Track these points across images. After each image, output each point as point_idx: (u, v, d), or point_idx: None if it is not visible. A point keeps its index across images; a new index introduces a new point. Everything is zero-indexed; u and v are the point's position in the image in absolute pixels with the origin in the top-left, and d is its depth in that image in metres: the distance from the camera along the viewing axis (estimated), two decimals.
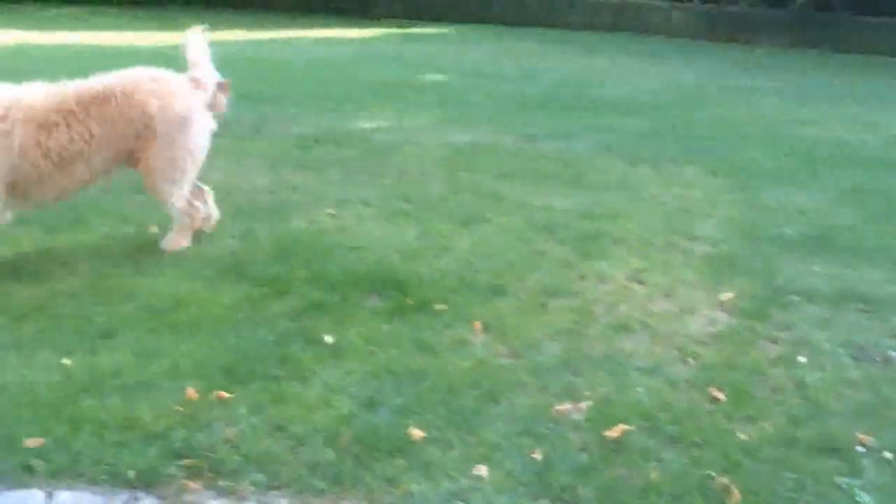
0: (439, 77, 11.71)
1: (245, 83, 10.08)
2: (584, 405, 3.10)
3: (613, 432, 2.93)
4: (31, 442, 2.70)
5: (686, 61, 14.76)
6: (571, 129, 8.26)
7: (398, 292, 4.07)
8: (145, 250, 4.52)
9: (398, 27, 18.55)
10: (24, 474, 2.57)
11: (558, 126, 8.41)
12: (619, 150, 7.46)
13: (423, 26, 19.38)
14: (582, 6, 20.64)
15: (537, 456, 2.80)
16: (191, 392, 3.04)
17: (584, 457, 2.83)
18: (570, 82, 11.58)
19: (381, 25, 18.89)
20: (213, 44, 4.81)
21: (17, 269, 4.19)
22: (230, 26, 17.34)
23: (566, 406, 3.10)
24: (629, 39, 17.89)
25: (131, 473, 2.58)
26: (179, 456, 2.68)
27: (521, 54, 14.73)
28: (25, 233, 4.67)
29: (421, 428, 2.92)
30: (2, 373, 3.18)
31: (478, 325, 3.80)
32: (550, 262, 4.59)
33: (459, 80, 11.52)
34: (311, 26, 17.94)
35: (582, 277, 4.40)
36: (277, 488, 2.57)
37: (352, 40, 15.91)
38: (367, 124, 8.09)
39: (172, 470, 2.61)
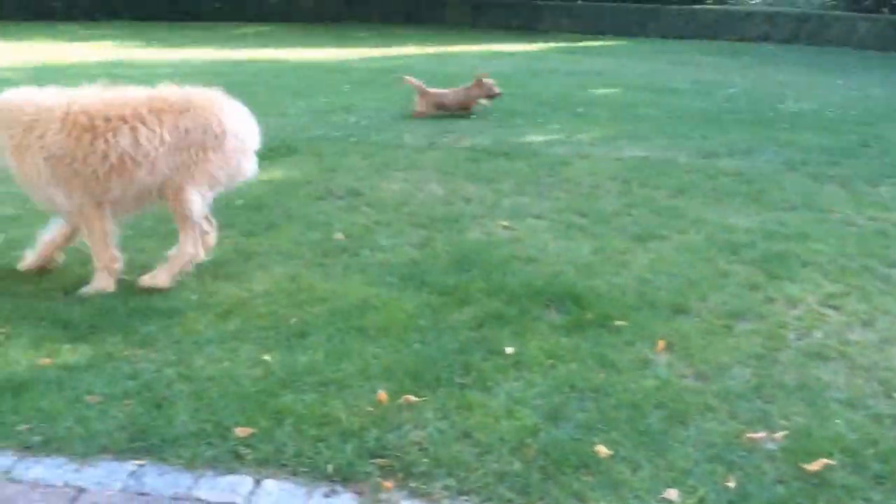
0: (609, 90, 11.60)
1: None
2: (779, 434, 2.97)
3: (813, 466, 2.78)
4: (240, 431, 2.89)
5: (873, 74, 13.87)
6: (750, 145, 7.94)
7: (576, 306, 4.05)
8: (331, 256, 4.74)
9: (565, 41, 18.50)
10: (234, 461, 2.76)
11: (736, 141, 8.11)
12: (804, 167, 7.10)
13: (590, 39, 19.30)
14: (759, 17, 19.81)
15: (731, 484, 2.70)
16: (382, 394, 3.16)
17: (781, 489, 2.70)
18: (746, 96, 11.16)
19: (547, 39, 18.95)
20: (386, 58, 5.01)
21: (218, 270, 4.49)
22: (403, 42, 17.97)
23: (759, 434, 2.98)
24: (809, 51, 17.01)
25: (330, 468, 2.71)
26: (373, 455, 2.78)
27: (694, 67, 14.35)
28: (226, 235, 5.02)
29: (607, 445, 2.89)
30: (210, 365, 3.42)
31: (661, 344, 3.72)
32: (735, 282, 4.43)
33: (629, 93, 11.36)
34: (479, 41, 18.24)
35: (769, 300, 4.21)
36: (466, 494, 2.62)
37: (519, 54, 16.05)
38: (537, 137, 8.12)
39: (367, 468, 2.72)
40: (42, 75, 12.19)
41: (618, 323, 3.90)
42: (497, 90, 9.04)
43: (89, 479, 2.67)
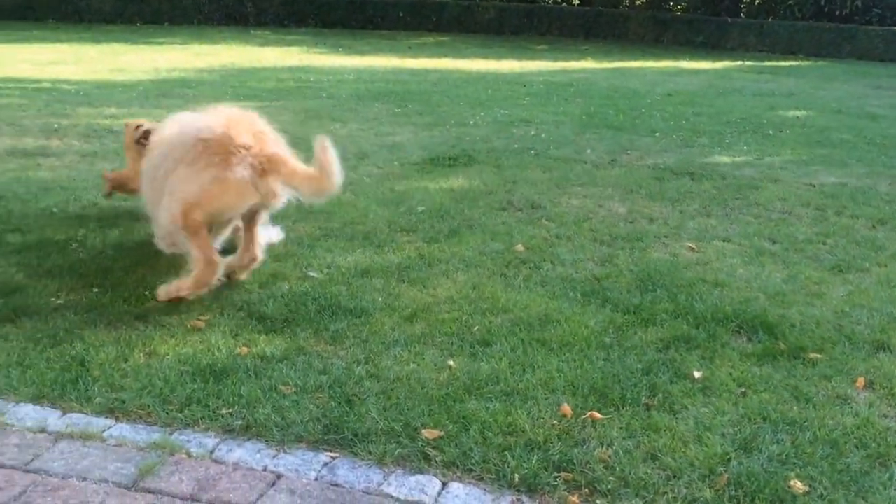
0: (800, 113, 11.01)
1: (599, 112, 10.34)
2: None
3: None
4: (428, 433, 2.96)
5: None
6: None
7: (768, 335, 3.87)
8: (513, 266, 4.77)
9: (753, 59, 17.75)
10: (422, 461, 2.82)
11: None
12: None
13: (779, 59, 18.41)
14: None
15: None
16: (566, 408, 3.13)
17: None
18: None
19: (734, 57, 18.26)
20: (565, 72, 4.96)
21: (403, 273, 4.63)
22: (581, 56, 17.88)
23: None
24: None
25: (515, 477, 2.71)
26: (558, 468, 2.77)
27: (894, 92, 13.35)
28: (409, 241, 5.17)
29: (802, 481, 2.73)
30: (397, 365, 3.53)
31: (861, 381, 3.48)
32: None
33: (823, 116, 10.73)
34: (661, 57, 17.84)
35: None
36: None
37: (704, 72, 15.56)
38: (723, 158, 7.83)
39: (552, 481, 2.70)
40: (235, 78, 13.11)
41: (813, 356, 3.68)
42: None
43: (286, 466, 2.81)
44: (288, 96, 11.63)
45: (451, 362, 3.54)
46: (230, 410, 3.14)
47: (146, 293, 4.25)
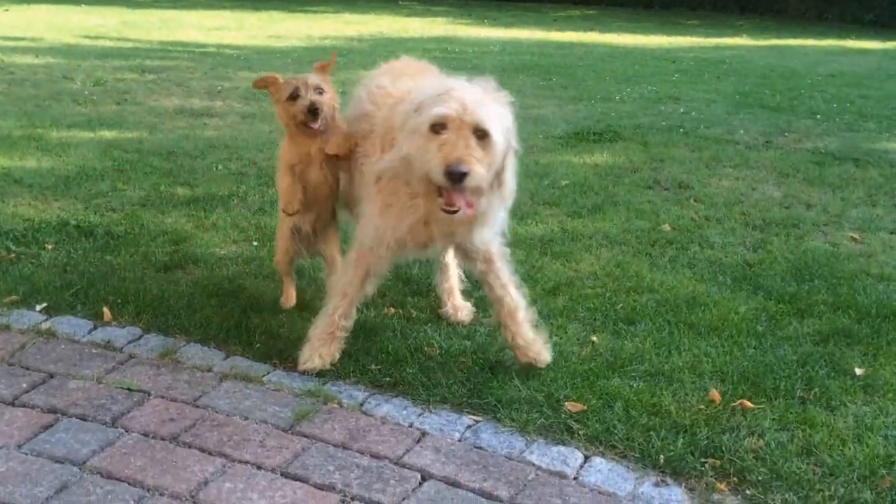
0: None
1: (753, 92, 9.89)
2: None
3: None
4: (571, 406, 2.96)
5: None
6: None
7: None
8: (659, 246, 4.67)
9: None
10: (564, 433, 2.83)
11: None
12: None
13: None
14: None
15: None
16: (714, 394, 3.06)
17: None
18: None
19: None
20: (717, 48, 4.71)
21: (546, 246, 4.62)
22: (735, 33, 17.11)
23: None
24: None
25: (661, 458, 2.68)
26: (704, 454, 2.71)
27: None
28: (552, 214, 5.15)
29: None
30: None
31: None
32: None
33: None
34: (825, 36, 16.83)
35: None
36: None
37: (873, 52, 14.56)
38: (893, 145, 7.33)
39: (699, 465, 2.65)
40: (383, 47, 13.34)
41: None
42: None
43: (431, 424, 2.88)
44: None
45: (593, 338, 3.52)
46: (378, 367, 3.25)
47: None
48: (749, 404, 3.00)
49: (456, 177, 2.67)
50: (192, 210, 5.02)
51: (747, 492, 2.55)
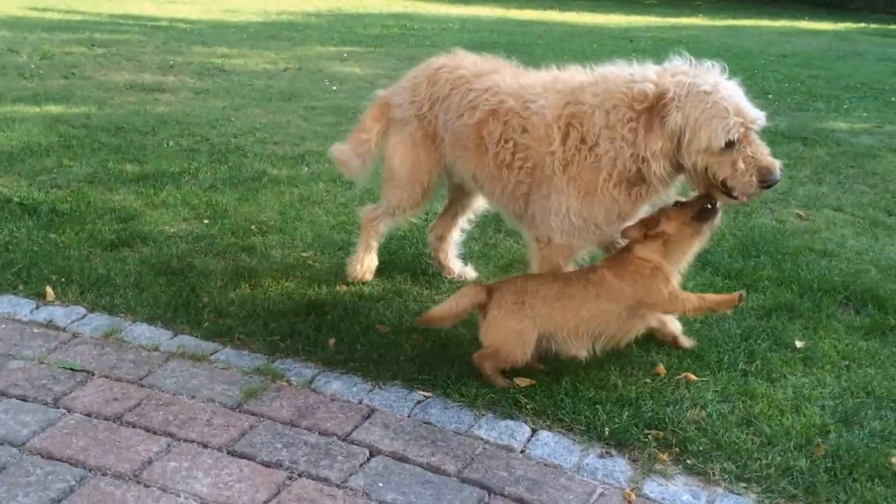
0: None
1: None
2: None
3: None
4: (520, 381, 2.99)
5: None
6: None
7: (878, 309, 3.72)
8: None
9: (879, 22, 16.76)
10: (513, 407, 2.86)
11: None
12: None
13: None
14: None
15: None
16: (660, 368, 3.11)
17: None
18: None
19: (858, 19, 17.28)
20: (675, 28, 4.74)
21: (500, 224, 4.63)
22: (693, 12, 17.25)
23: None
24: None
25: (606, 430, 2.72)
26: (649, 425, 2.76)
27: None
28: None
29: None
30: None
31: None
32: None
33: None
34: (778, 16, 17.05)
35: None
36: (746, 481, 2.53)
37: (824, 33, 14.79)
38: (840, 124, 7.47)
39: (643, 437, 2.70)
40: (341, 23, 13.19)
41: None
42: None
43: (381, 401, 2.89)
44: (392, 43, 11.67)
45: None
46: (331, 343, 3.24)
47: (252, 227, 4.40)
48: (693, 377, 3.06)
49: (772, 184, 2.92)
50: (142, 187, 4.94)
51: (688, 462, 2.60)
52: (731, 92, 2.87)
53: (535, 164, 3.12)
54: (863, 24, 16.40)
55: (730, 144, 2.80)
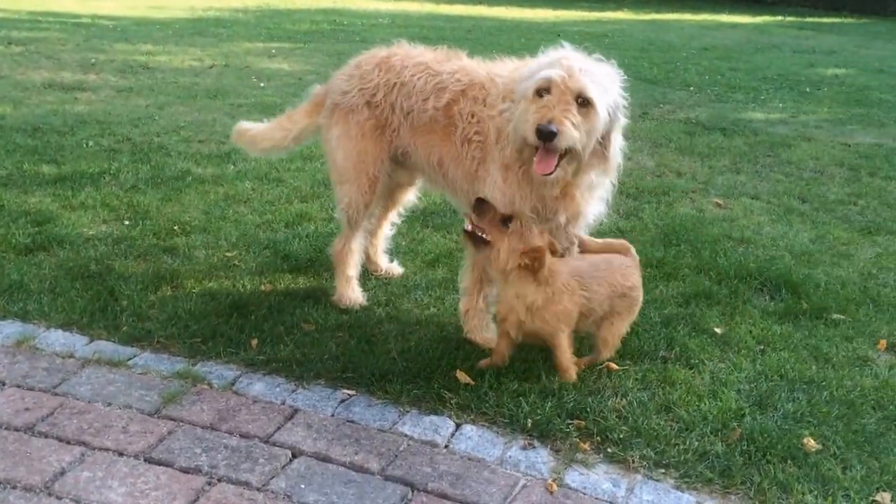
0: (840, 71, 10.75)
1: (633, 65, 10.16)
2: None
3: None
4: (443, 378, 3.00)
5: None
6: None
7: (791, 295, 3.85)
8: None
9: (795, 15, 17.30)
10: (437, 402, 2.87)
11: None
12: None
13: (821, 15, 17.89)
14: None
15: None
16: (586, 359, 3.15)
17: None
18: None
19: (775, 13, 17.80)
20: (600, 22, 4.89)
21: (427, 219, 4.65)
22: (618, 6, 17.54)
23: None
24: None
25: (529, 422, 2.75)
26: (571, 416, 2.80)
27: None
28: None
29: (816, 439, 2.74)
30: (417, 309, 3.57)
31: (882, 343, 3.46)
32: None
33: (862, 75, 10.47)
34: (699, 10, 17.44)
35: None
36: (664, 467, 2.58)
37: (743, 26, 15.21)
38: (757, 115, 7.70)
39: (565, 427, 2.74)
40: (269, 19, 13.02)
41: (836, 316, 3.67)
42: None
43: (304, 401, 2.86)
44: (321, 39, 11.57)
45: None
46: (254, 343, 3.20)
47: (175, 228, 4.31)
48: (615, 366, 3.12)
49: (545, 135, 2.72)
50: (59, 189, 4.79)
51: (609, 450, 2.65)
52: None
53: (486, 137, 3.16)
54: (780, 18, 16.91)
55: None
